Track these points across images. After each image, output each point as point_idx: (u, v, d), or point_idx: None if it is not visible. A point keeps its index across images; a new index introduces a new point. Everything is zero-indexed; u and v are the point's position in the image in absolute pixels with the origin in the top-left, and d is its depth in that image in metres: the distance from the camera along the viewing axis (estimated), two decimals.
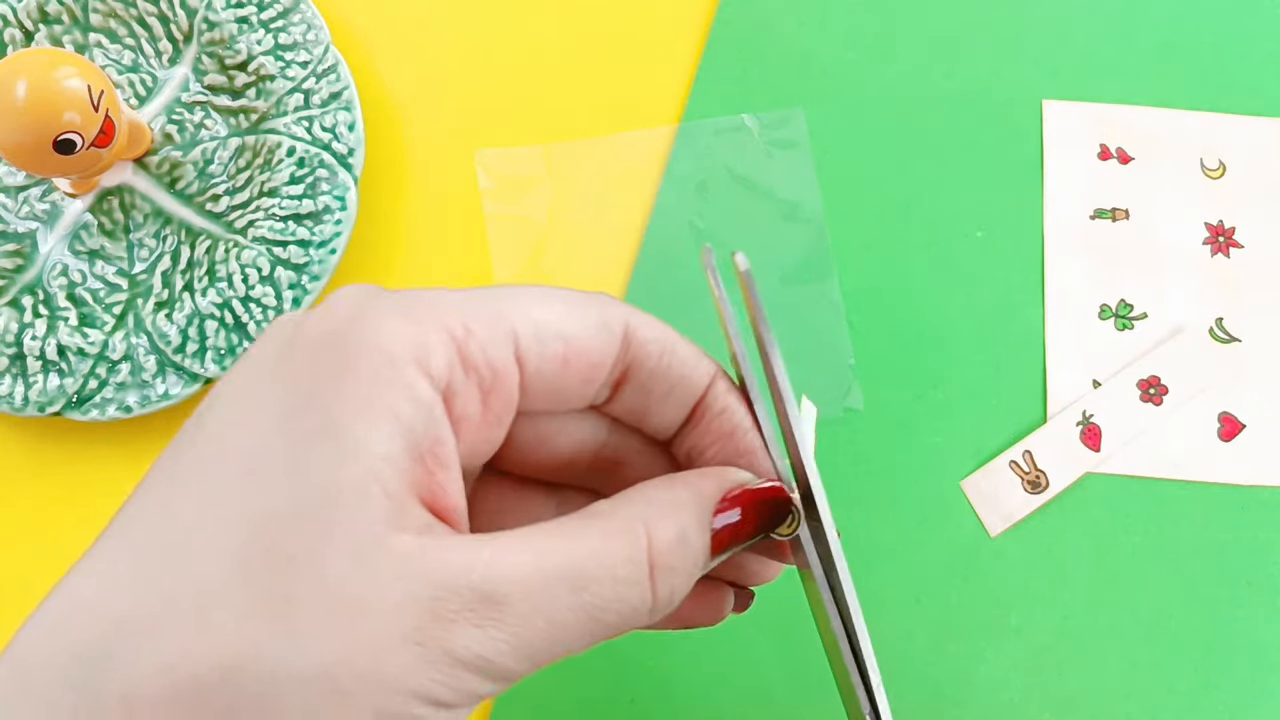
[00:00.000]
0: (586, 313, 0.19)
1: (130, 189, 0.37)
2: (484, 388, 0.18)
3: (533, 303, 0.19)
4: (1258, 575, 0.34)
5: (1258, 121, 0.39)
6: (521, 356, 0.18)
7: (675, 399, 0.21)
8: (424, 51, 0.40)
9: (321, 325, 0.17)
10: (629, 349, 0.20)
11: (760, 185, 0.38)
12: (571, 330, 0.19)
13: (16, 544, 0.35)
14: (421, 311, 0.17)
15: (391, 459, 0.16)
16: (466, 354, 0.17)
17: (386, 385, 0.16)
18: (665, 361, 0.20)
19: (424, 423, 0.17)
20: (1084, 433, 0.35)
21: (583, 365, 0.19)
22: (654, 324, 0.20)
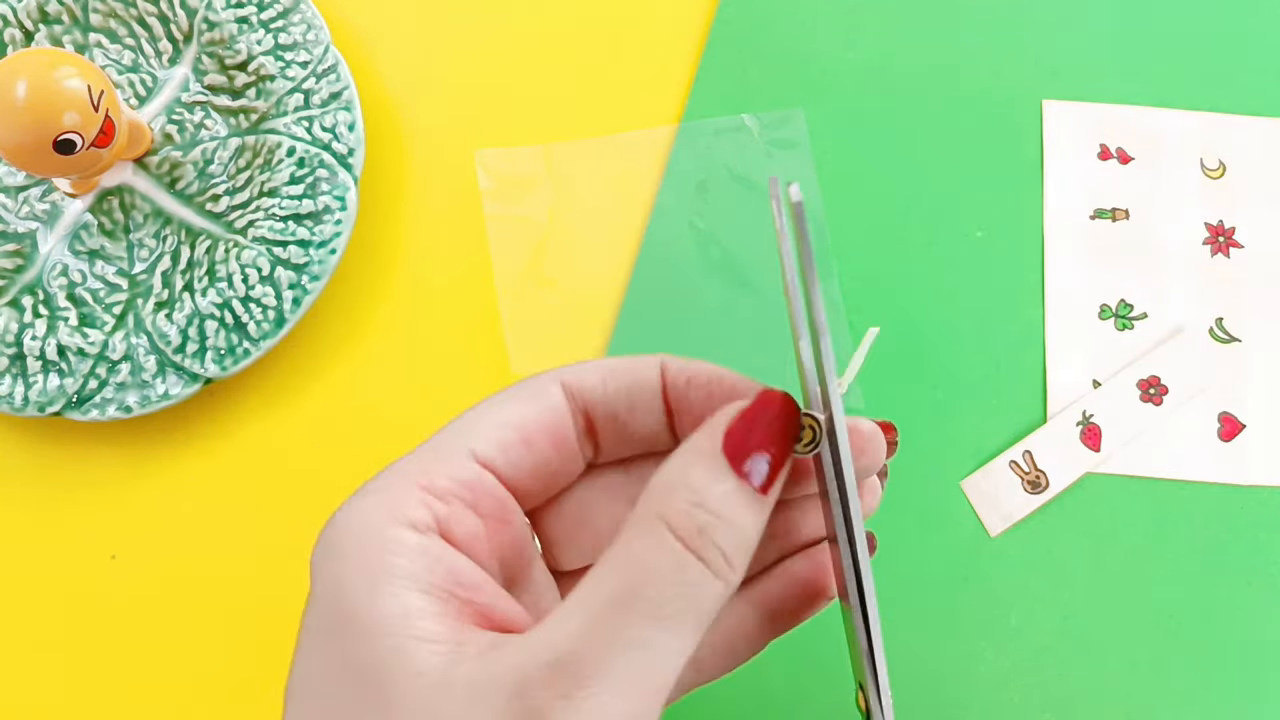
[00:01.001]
0: (524, 395, 0.21)
1: (130, 189, 0.37)
2: (469, 503, 0.19)
3: (480, 415, 0.20)
4: (1258, 575, 0.34)
5: (1258, 121, 0.39)
6: (485, 460, 0.20)
7: (640, 406, 0.21)
8: (424, 51, 0.40)
9: (318, 548, 0.19)
10: (574, 399, 0.21)
11: (760, 185, 0.38)
12: (514, 416, 0.20)
13: (16, 544, 0.35)
14: (384, 483, 0.19)
15: (416, 611, 0.17)
16: (435, 487, 0.19)
17: (378, 556, 0.18)
18: (608, 386, 0.21)
19: (428, 565, 0.18)
20: (1084, 433, 0.35)
21: (544, 436, 0.21)
22: (588, 365, 0.22)
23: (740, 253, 0.37)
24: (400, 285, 0.38)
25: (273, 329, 0.35)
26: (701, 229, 0.37)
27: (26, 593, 0.35)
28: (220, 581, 0.35)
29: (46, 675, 0.34)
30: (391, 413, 0.36)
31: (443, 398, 0.36)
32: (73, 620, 0.34)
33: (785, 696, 0.33)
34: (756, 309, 0.36)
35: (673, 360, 0.22)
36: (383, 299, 0.37)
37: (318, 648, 0.18)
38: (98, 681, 0.34)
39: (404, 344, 0.37)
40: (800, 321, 0.19)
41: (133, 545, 0.35)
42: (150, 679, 0.34)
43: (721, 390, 0.21)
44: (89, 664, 0.34)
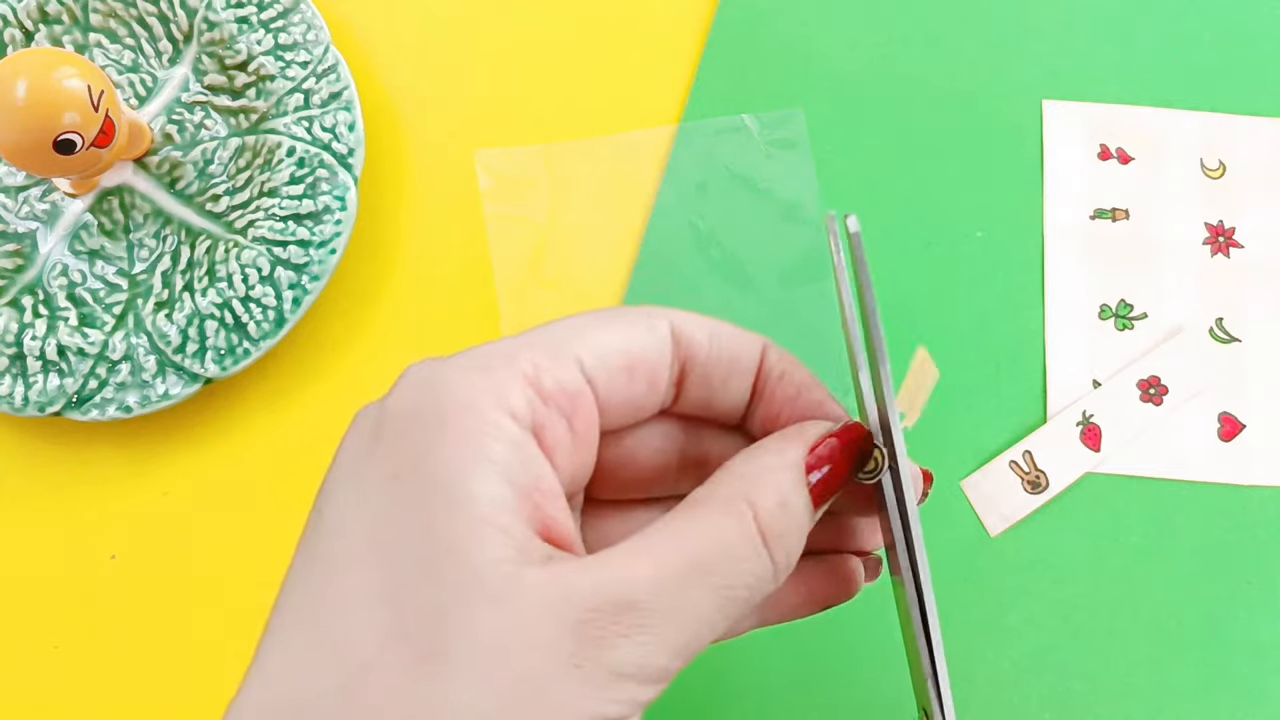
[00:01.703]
0: (635, 323, 0.21)
1: (130, 189, 0.37)
2: (566, 413, 0.19)
3: (587, 327, 0.20)
4: (1258, 575, 0.34)
5: (1258, 121, 0.39)
6: (590, 376, 0.20)
7: (734, 379, 0.22)
8: (424, 51, 0.40)
9: (403, 401, 0.18)
10: (679, 345, 0.21)
11: (760, 185, 0.38)
12: (626, 342, 0.20)
13: (16, 544, 0.35)
14: (490, 361, 0.19)
15: (499, 501, 0.17)
16: (542, 388, 0.19)
17: (478, 435, 0.17)
18: (715, 347, 0.21)
19: (521, 461, 0.18)
20: (1084, 433, 0.35)
21: (645, 370, 0.20)
22: (696, 318, 0.22)
23: (740, 252, 0.37)
24: (400, 285, 0.38)
25: (273, 329, 0.35)
26: (701, 229, 0.37)
27: (26, 593, 0.35)
28: (220, 581, 0.35)
29: (46, 675, 0.34)
30: None
31: None
32: (73, 620, 0.34)
33: (786, 696, 0.33)
34: (756, 308, 0.36)
35: (774, 348, 0.22)
36: (383, 299, 0.37)
37: (389, 501, 0.17)
38: (98, 681, 0.34)
39: (404, 344, 0.37)
40: (859, 352, 0.20)
41: (133, 545, 0.35)
42: (150, 679, 0.34)
43: (809, 402, 0.22)
44: (89, 664, 0.34)
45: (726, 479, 0.19)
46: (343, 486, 0.19)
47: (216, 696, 0.34)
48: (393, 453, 0.18)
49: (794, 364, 0.22)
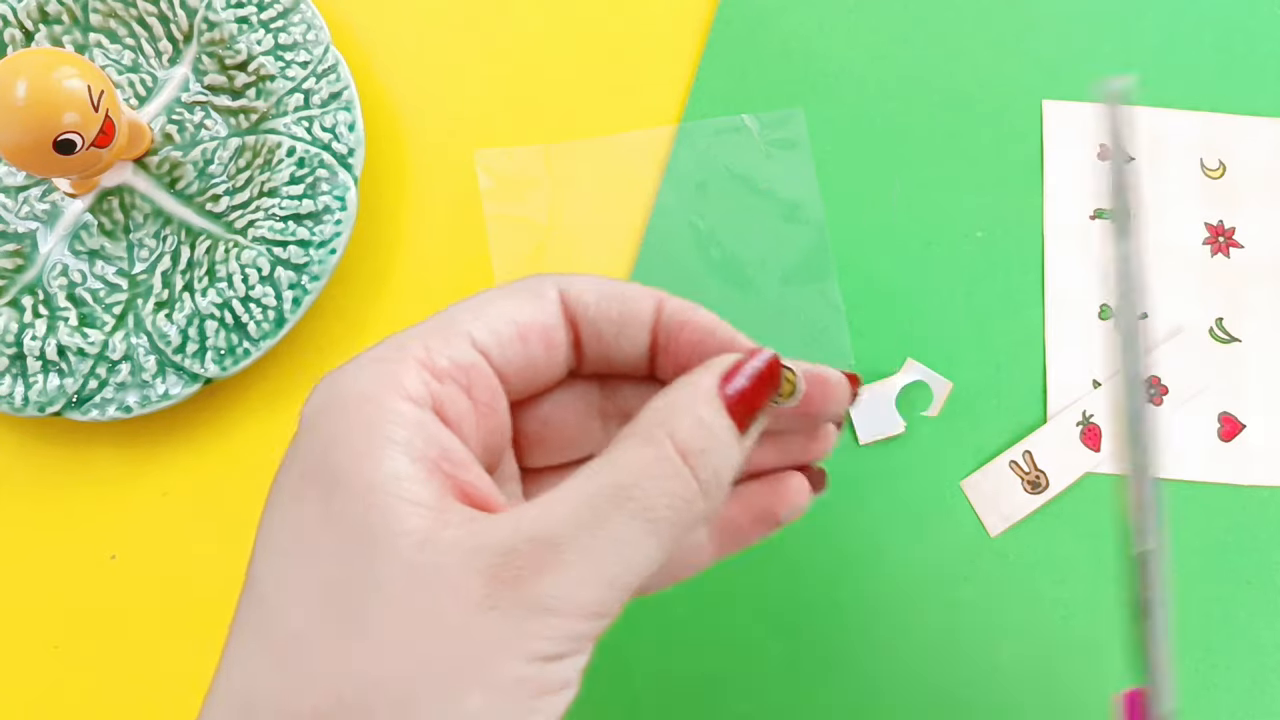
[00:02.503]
0: (523, 293, 0.22)
1: (130, 189, 0.37)
2: (464, 386, 0.20)
3: (477, 305, 0.21)
4: (1258, 575, 0.34)
5: (1258, 121, 0.39)
6: (482, 347, 0.21)
7: (628, 332, 0.22)
8: (424, 51, 0.40)
9: (310, 405, 0.20)
10: (568, 307, 0.22)
11: (760, 185, 0.38)
12: (515, 312, 0.21)
13: (16, 544, 0.35)
14: (384, 353, 0.20)
15: (406, 476, 0.18)
16: (434, 366, 0.20)
17: (377, 422, 0.18)
18: (602, 305, 0.22)
19: (422, 438, 0.18)
20: (1084, 433, 0.35)
21: (537, 334, 0.21)
22: (586, 280, 0.23)
23: (741, 253, 0.37)
24: (400, 285, 0.38)
25: (273, 329, 0.35)
26: (701, 229, 0.37)
27: (26, 593, 0.35)
28: (220, 581, 0.35)
29: (46, 675, 0.34)
30: None
31: None
32: (73, 620, 0.34)
33: (785, 696, 0.33)
34: (758, 309, 0.36)
35: (671, 300, 0.23)
36: (383, 299, 0.37)
37: (302, 499, 0.18)
38: (98, 681, 0.34)
39: None
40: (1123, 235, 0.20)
41: (133, 545, 0.35)
42: (150, 679, 0.34)
43: (716, 343, 0.22)
44: (89, 664, 0.34)
45: (643, 415, 0.20)
46: (274, 493, 0.20)
47: None
48: (305, 453, 0.19)
49: (696, 312, 0.22)
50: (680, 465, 0.19)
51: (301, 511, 0.18)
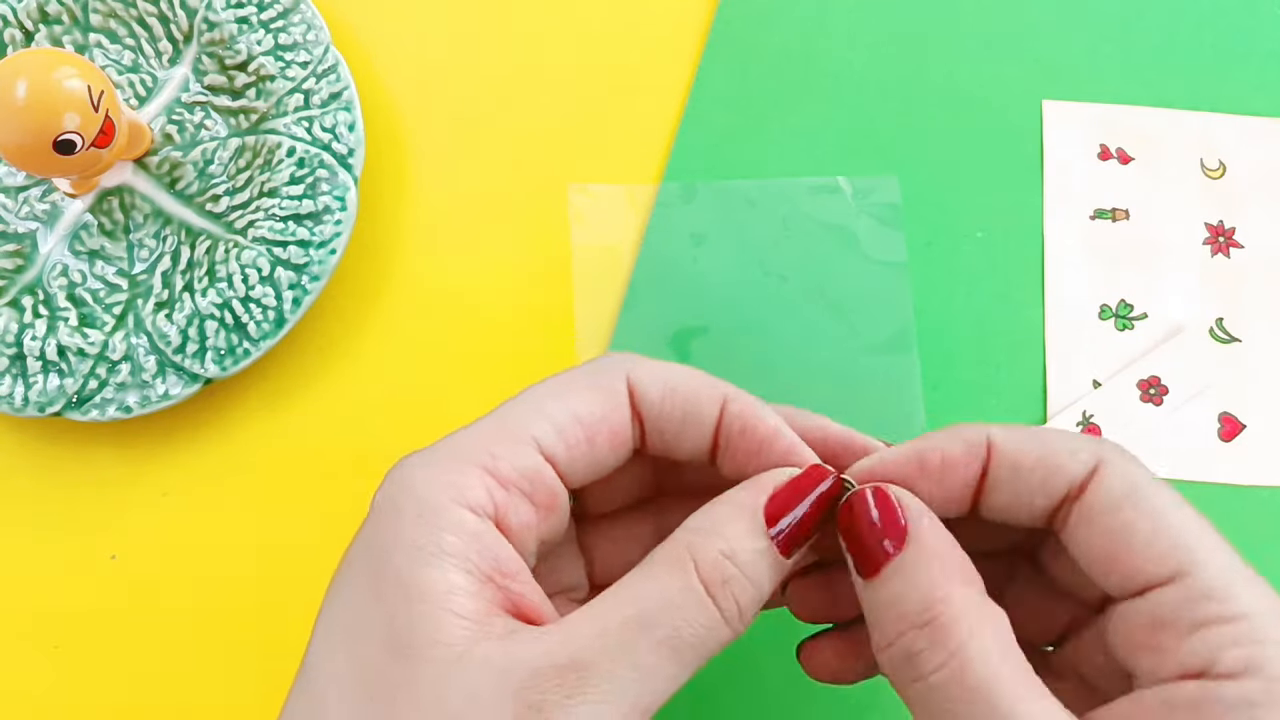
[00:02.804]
0: (592, 387, 0.21)
1: (130, 189, 0.37)
2: (528, 493, 0.20)
3: (542, 402, 0.21)
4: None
5: (1258, 121, 0.39)
6: (549, 453, 0.21)
7: (691, 432, 0.22)
8: (424, 51, 0.40)
9: (378, 501, 0.20)
10: (636, 401, 0.22)
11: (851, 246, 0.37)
12: (583, 410, 0.21)
13: (16, 544, 0.35)
14: (451, 455, 0.20)
15: (457, 589, 0.18)
16: (500, 475, 0.20)
17: (434, 530, 0.19)
18: (667, 404, 0.22)
19: (477, 549, 0.19)
20: (1084, 433, 0.35)
21: (605, 434, 0.21)
22: (655, 369, 0.22)
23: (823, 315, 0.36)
24: (400, 285, 0.38)
25: (273, 329, 0.35)
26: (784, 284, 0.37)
27: (26, 593, 0.35)
28: (220, 581, 0.35)
29: (46, 675, 0.34)
30: (391, 413, 0.36)
31: (443, 397, 0.36)
32: (73, 620, 0.34)
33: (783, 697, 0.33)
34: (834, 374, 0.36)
35: (735, 399, 0.22)
36: (383, 299, 0.37)
37: (355, 597, 0.19)
38: (98, 681, 0.34)
39: (404, 344, 0.37)
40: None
41: (133, 545, 0.35)
42: (150, 679, 0.34)
43: (773, 453, 0.22)
44: (89, 664, 0.34)
45: (679, 534, 0.20)
46: (336, 580, 0.20)
47: (216, 696, 0.34)
48: (367, 547, 0.20)
49: (757, 414, 0.22)
50: (704, 596, 0.19)
51: (357, 607, 0.19)
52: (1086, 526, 0.20)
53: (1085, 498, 0.20)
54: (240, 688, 0.34)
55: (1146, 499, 0.19)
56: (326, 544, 0.35)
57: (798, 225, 0.37)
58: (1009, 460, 0.20)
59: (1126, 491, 0.19)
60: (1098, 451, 0.20)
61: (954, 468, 0.20)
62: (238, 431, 0.36)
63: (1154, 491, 0.19)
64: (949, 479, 0.21)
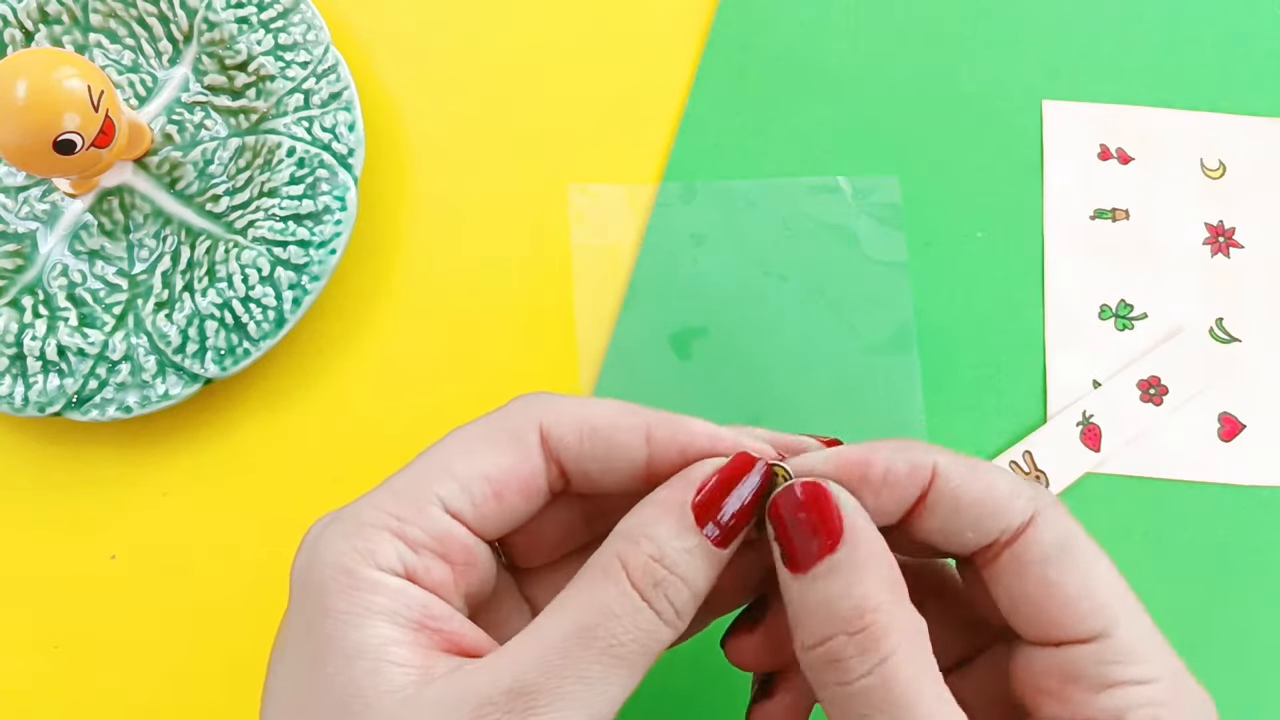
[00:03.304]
0: (500, 440, 0.21)
1: (130, 189, 0.37)
2: (441, 553, 0.20)
3: (453, 458, 0.21)
4: (1258, 575, 0.34)
5: (1258, 121, 0.39)
6: (456, 512, 0.20)
7: (618, 468, 0.22)
8: (424, 51, 0.40)
9: (296, 572, 0.20)
10: (549, 447, 0.21)
11: (851, 247, 0.37)
12: (489, 465, 0.21)
13: (16, 544, 0.35)
14: (354, 523, 0.20)
15: (391, 640, 0.18)
16: (408, 539, 0.20)
17: (356, 593, 0.19)
18: (587, 445, 0.21)
19: (403, 602, 0.19)
20: (1084, 433, 0.35)
21: (515, 489, 0.21)
22: (566, 410, 0.21)
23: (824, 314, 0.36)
24: (400, 285, 0.38)
25: (273, 329, 0.35)
26: (783, 284, 0.37)
27: (26, 593, 0.35)
28: (220, 581, 0.35)
29: (46, 675, 0.34)
30: (391, 413, 0.36)
31: (442, 397, 0.36)
32: (73, 620, 0.34)
33: None
34: (833, 375, 0.36)
35: (660, 426, 0.21)
36: (383, 299, 0.37)
37: (296, 668, 0.19)
38: (98, 682, 0.34)
39: (404, 344, 0.37)
40: None
41: (133, 545, 0.35)
42: (150, 679, 0.34)
43: (698, 450, 0.21)
44: (89, 664, 0.34)
45: (608, 541, 0.20)
46: (273, 658, 0.20)
47: (216, 696, 0.34)
48: (296, 620, 0.20)
49: (686, 428, 0.21)
50: (638, 601, 0.19)
51: (298, 679, 0.19)
52: (1015, 574, 0.20)
53: (1018, 545, 0.20)
54: (240, 688, 0.34)
55: (1077, 556, 0.20)
56: None
57: (798, 225, 0.37)
58: (949, 492, 0.20)
59: (1059, 547, 0.20)
60: (1036, 501, 0.20)
61: (894, 485, 0.20)
62: (238, 431, 0.36)
63: (1085, 549, 0.20)
64: (887, 495, 0.20)
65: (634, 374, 0.36)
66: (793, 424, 0.35)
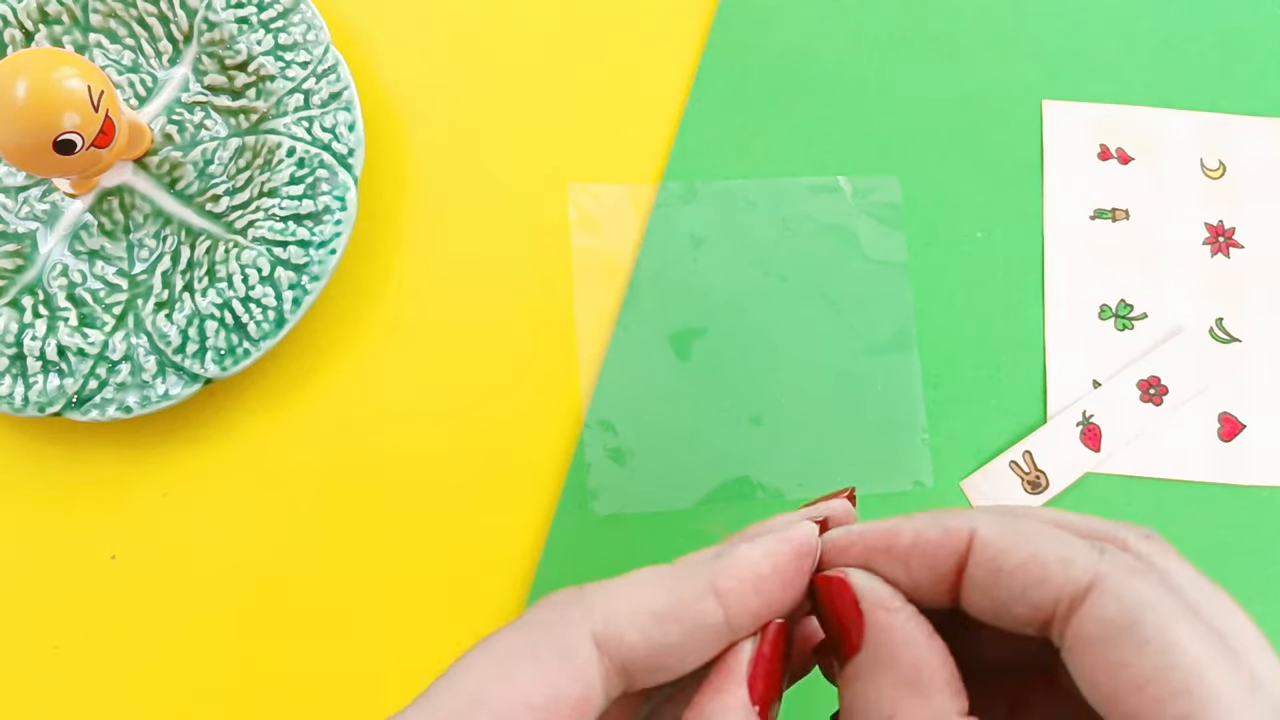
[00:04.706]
0: (543, 656, 0.18)
1: (130, 189, 0.37)
2: None
3: (484, 685, 0.17)
4: (1258, 575, 0.34)
5: (1258, 121, 0.39)
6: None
7: (697, 648, 0.18)
8: (424, 51, 0.40)
9: None
10: (610, 657, 0.18)
11: (852, 247, 0.37)
12: (536, 695, 0.17)
13: (16, 544, 0.35)
14: None
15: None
16: None
17: None
18: (657, 638, 0.18)
19: None
20: (1084, 433, 0.35)
21: (567, 713, 0.17)
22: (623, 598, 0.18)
23: (823, 315, 0.36)
24: (400, 285, 0.38)
25: (273, 329, 0.35)
26: (784, 286, 0.37)
27: (26, 593, 0.35)
28: (220, 581, 0.35)
29: (46, 675, 0.34)
30: (391, 413, 0.36)
31: (443, 398, 0.36)
32: (73, 620, 0.34)
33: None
34: (835, 376, 0.36)
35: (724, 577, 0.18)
36: (383, 299, 0.37)
37: None
38: (98, 682, 0.34)
39: (404, 344, 0.37)
40: None
41: (133, 545, 0.35)
42: (150, 679, 0.34)
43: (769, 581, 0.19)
44: (89, 664, 0.34)
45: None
46: None
47: (216, 696, 0.34)
48: None
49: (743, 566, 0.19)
50: None
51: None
52: (1081, 653, 0.17)
53: (1077, 621, 0.17)
54: (240, 687, 0.34)
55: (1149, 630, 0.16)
56: (326, 544, 0.35)
57: (798, 225, 0.37)
58: (989, 558, 0.18)
59: (1125, 622, 0.16)
60: (1095, 565, 0.17)
61: (924, 553, 0.18)
62: (238, 431, 0.36)
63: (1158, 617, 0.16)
64: (916, 564, 0.18)
65: (634, 374, 0.36)
66: (793, 424, 0.35)
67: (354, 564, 0.35)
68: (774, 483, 0.35)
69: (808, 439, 0.35)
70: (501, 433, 0.36)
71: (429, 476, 0.35)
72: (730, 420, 0.35)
